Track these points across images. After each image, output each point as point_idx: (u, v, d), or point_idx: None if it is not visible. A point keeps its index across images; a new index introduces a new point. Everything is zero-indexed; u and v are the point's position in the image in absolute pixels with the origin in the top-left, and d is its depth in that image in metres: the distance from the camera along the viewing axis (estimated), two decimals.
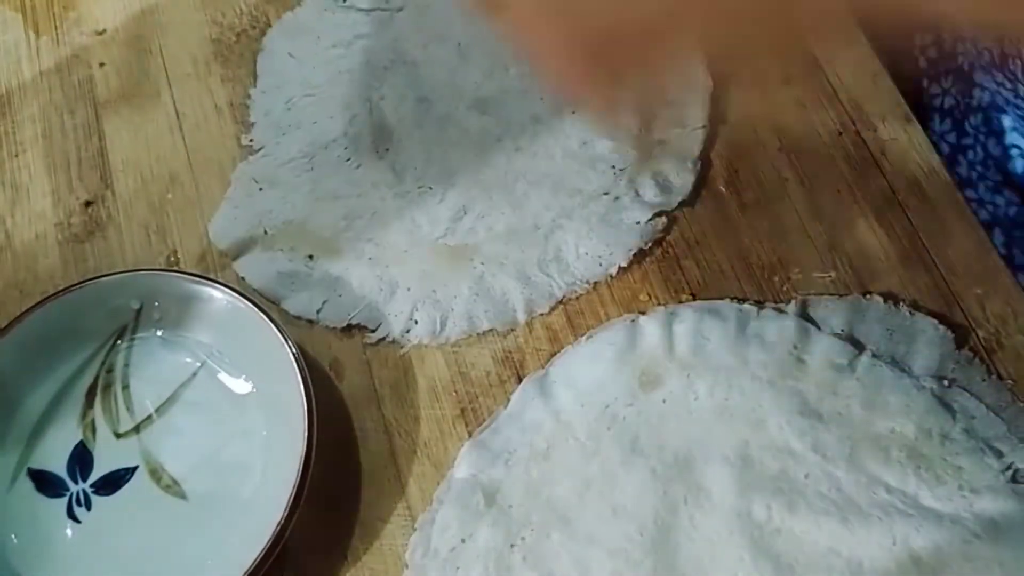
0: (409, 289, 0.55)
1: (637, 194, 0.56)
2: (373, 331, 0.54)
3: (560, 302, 0.54)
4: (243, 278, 0.56)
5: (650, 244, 0.55)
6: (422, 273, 0.55)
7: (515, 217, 0.56)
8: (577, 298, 0.54)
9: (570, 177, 0.57)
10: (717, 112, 0.59)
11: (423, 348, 0.54)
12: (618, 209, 0.56)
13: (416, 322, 0.54)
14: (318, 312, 0.54)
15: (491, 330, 0.54)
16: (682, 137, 0.58)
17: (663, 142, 0.58)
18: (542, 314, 0.54)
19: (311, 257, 0.56)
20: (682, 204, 0.57)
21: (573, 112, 0.59)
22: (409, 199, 0.58)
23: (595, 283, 0.55)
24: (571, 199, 0.57)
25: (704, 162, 0.58)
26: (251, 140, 0.60)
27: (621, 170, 0.57)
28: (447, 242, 0.56)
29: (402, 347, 0.54)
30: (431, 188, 0.58)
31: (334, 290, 0.55)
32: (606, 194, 0.57)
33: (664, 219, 0.56)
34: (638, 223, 0.56)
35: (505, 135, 0.59)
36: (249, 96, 0.61)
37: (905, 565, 0.46)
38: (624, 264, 0.55)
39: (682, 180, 0.57)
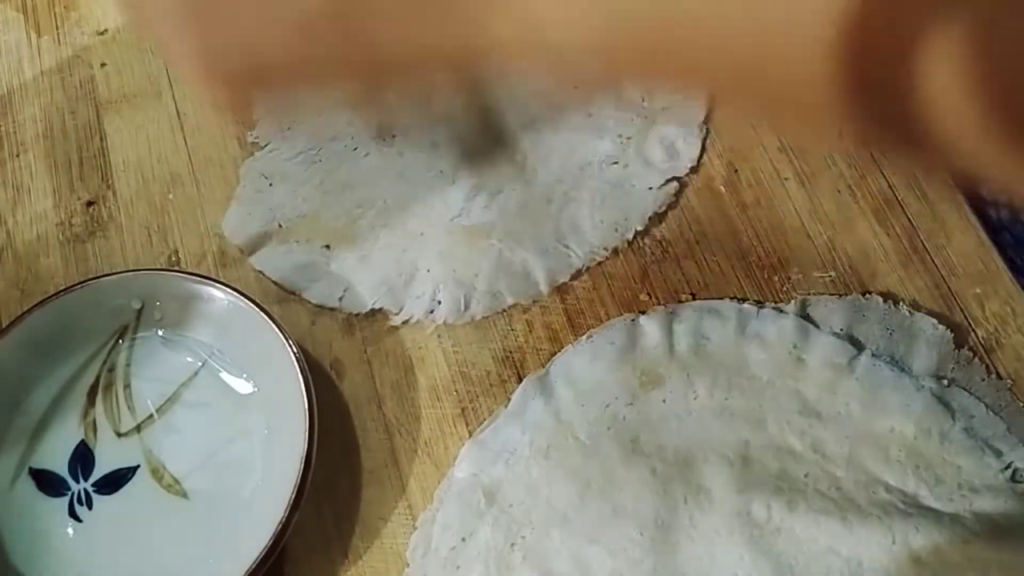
0: (429, 271, 0.55)
1: (646, 161, 0.57)
2: (397, 314, 0.54)
3: (580, 271, 0.55)
4: (261, 272, 0.56)
5: (664, 208, 0.56)
6: (440, 254, 0.55)
7: (527, 193, 0.57)
8: (577, 299, 0.54)
9: (577, 149, 0.58)
10: None
11: (425, 349, 0.54)
12: (629, 176, 0.57)
13: (439, 302, 0.54)
14: (340, 299, 0.55)
15: (515, 304, 0.54)
16: (685, 104, 0.59)
17: (666, 109, 0.59)
18: (564, 283, 0.55)
19: (327, 247, 0.56)
20: (691, 172, 0.57)
21: (575, 88, 0.60)
22: (420, 183, 0.58)
23: (614, 248, 0.55)
24: (581, 170, 0.57)
25: (705, 152, 0.58)
26: (256, 137, 0.60)
27: (628, 139, 0.58)
28: (462, 222, 0.56)
29: (426, 328, 0.54)
30: (441, 171, 0.58)
31: (354, 277, 0.55)
32: (615, 163, 0.57)
33: (676, 184, 0.57)
34: (651, 188, 0.56)
35: (509, 112, 0.59)
36: None
37: (904, 564, 0.46)
38: (641, 228, 0.56)
39: (689, 146, 0.58)
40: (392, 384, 0.53)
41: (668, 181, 0.57)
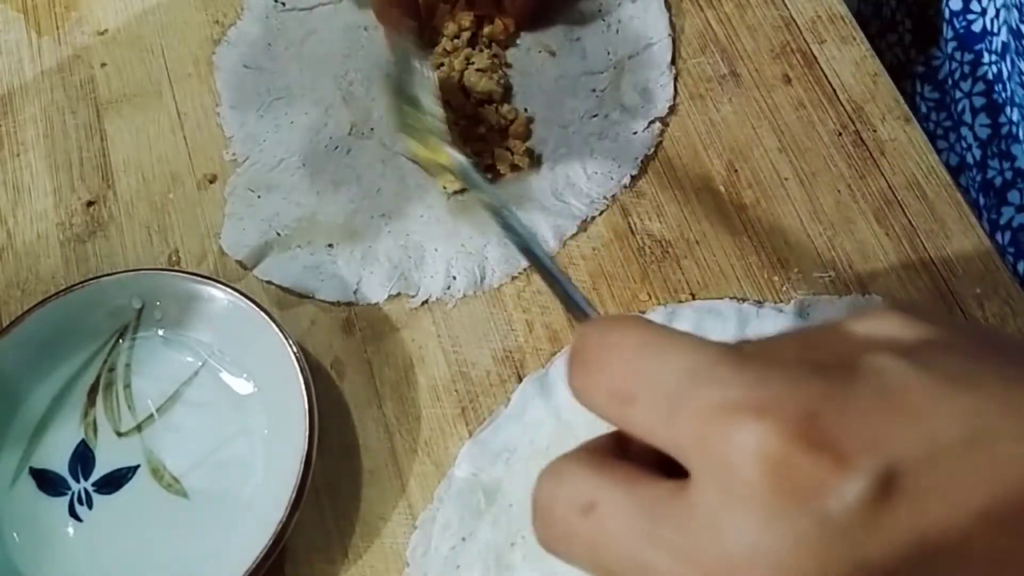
0: (437, 250, 0.56)
1: (624, 108, 0.59)
2: (414, 296, 0.55)
3: (585, 221, 0.56)
4: (269, 282, 0.56)
5: (654, 150, 0.58)
6: (445, 232, 0.56)
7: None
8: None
9: (555, 110, 0.59)
10: (679, 23, 0.62)
11: (425, 349, 0.54)
12: (612, 125, 0.58)
13: (455, 277, 0.55)
14: (354, 293, 0.55)
15: (526, 269, 0.55)
16: (650, 49, 0.60)
17: (633, 56, 0.60)
18: (572, 236, 0.56)
19: (331, 246, 0.56)
20: (670, 110, 0.59)
21: (539, 52, 0.61)
22: (409, 168, 0.58)
23: (613, 196, 0.57)
24: (564, 129, 0.59)
25: (705, 152, 0.58)
26: (233, 155, 0.60)
27: (602, 91, 0.60)
28: (459, 197, 0.57)
29: (447, 304, 0.54)
30: None
31: (364, 269, 0.55)
32: (595, 116, 0.59)
33: (659, 124, 0.58)
34: (635, 133, 0.58)
35: None
36: (218, 114, 0.61)
37: None
38: (635, 173, 0.57)
39: (662, 87, 0.59)
40: (392, 384, 0.53)
41: (651, 123, 0.58)
